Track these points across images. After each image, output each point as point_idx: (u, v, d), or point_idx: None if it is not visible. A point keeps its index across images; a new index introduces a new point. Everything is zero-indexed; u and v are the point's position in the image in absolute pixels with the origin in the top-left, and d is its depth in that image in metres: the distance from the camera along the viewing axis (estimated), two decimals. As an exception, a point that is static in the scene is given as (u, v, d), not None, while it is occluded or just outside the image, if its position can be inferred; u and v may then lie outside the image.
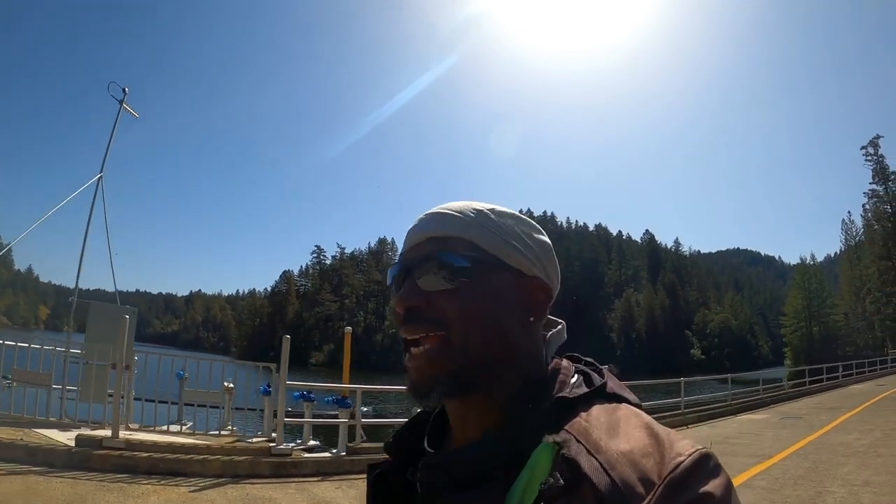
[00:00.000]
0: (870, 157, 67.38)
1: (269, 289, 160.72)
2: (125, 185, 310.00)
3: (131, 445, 6.91)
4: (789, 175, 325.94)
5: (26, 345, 8.79)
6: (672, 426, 8.53)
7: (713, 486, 0.52)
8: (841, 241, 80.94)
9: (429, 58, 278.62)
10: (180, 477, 6.49)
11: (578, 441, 0.56)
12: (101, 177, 11.58)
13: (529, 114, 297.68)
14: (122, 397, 7.96)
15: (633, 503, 0.51)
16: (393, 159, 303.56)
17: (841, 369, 25.94)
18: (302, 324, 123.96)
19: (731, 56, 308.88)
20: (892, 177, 66.38)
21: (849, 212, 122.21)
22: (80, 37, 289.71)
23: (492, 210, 0.72)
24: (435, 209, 0.73)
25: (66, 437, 7.28)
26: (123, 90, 12.38)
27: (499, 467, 0.59)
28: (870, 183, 69.03)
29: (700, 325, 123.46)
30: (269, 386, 8.89)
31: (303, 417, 8.68)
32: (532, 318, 0.69)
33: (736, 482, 4.41)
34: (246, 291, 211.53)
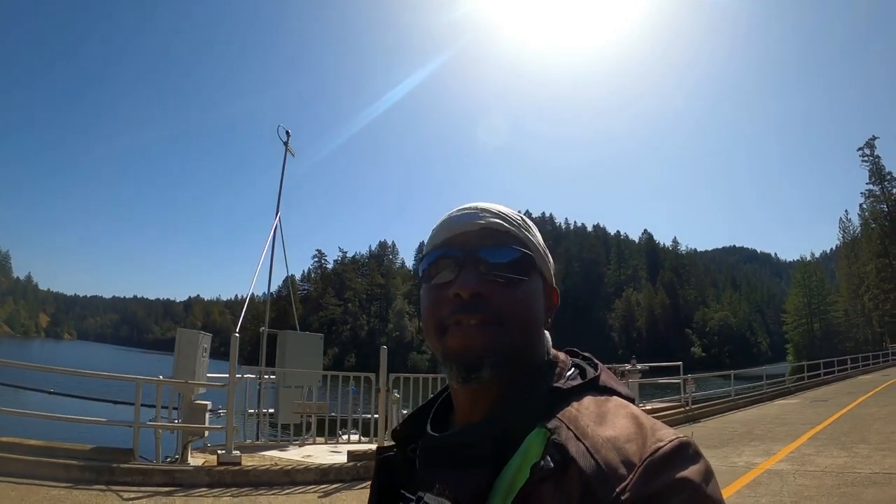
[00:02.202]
0: (866, 158, 69.50)
1: (267, 293, 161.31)
2: (120, 191, 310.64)
3: None
4: (784, 173, 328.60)
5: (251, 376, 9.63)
6: (726, 410, 12.37)
7: (692, 471, 0.56)
8: (838, 238, 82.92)
9: (426, 56, 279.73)
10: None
11: (568, 428, 0.61)
12: (279, 216, 12.36)
13: (526, 116, 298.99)
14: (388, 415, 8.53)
15: (614, 483, 0.54)
16: (389, 163, 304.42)
17: (849, 362, 27.87)
18: (306, 329, 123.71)
19: (727, 54, 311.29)
20: (888, 177, 68.43)
21: (846, 210, 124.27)
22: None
23: (527, 219, 0.81)
24: (483, 204, 0.78)
25: (299, 455, 8.30)
26: (287, 132, 12.89)
27: (491, 450, 0.64)
28: (866, 183, 71.17)
29: (700, 323, 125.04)
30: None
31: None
32: (549, 320, 0.78)
33: (802, 440, 7.97)
34: (244, 296, 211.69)
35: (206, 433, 8.05)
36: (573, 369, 0.73)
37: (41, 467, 6.12)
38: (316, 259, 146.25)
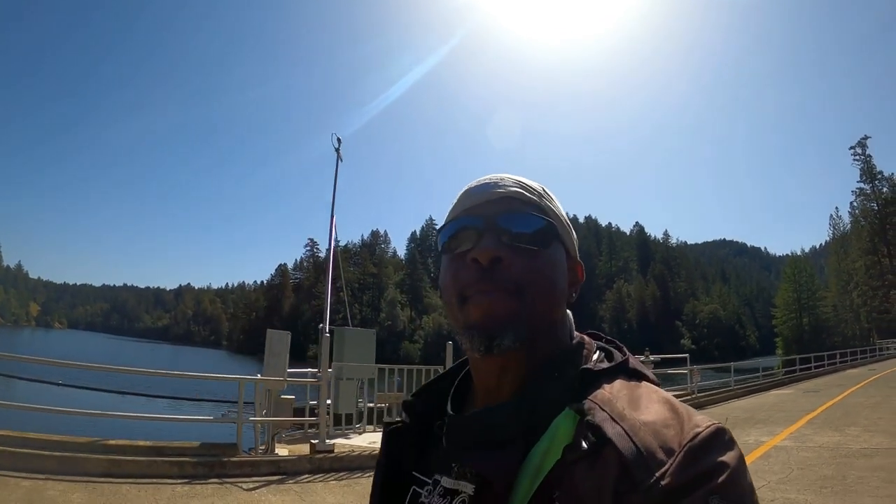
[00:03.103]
0: (858, 157, 70.40)
1: (258, 282, 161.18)
2: (109, 180, 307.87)
3: None
4: (774, 168, 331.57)
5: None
6: (728, 399, 13.43)
7: (729, 456, 0.56)
8: (828, 235, 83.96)
9: (422, 48, 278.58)
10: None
11: (602, 409, 0.60)
12: (335, 220, 12.78)
13: (519, 107, 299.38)
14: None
15: (654, 468, 0.54)
16: (380, 154, 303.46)
17: (838, 357, 28.76)
18: (299, 317, 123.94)
19: (720, 50, 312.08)
20: (879, 176, 69.37)
21: (836, 207, 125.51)
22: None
23: (548, 190, 0.79)
24: (503, 175, 0.76)
25: (365, 441, 8.74)
26: (339, 139, 13.40)
27: (520, 430, 0.63)
28: (857, 181, 72.03)
29: (690, 315, 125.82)
30: None
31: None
32: (574, 294, 0.77)
33: (800, 423, 9.20)
34: (235, 284, 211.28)
35: (290, 425, 8.57)
36: (599, 352, 0.74)
37: (154, 466, 6.40)
38: (308, 248, 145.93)
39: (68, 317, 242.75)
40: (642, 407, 0.61)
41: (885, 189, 69.37)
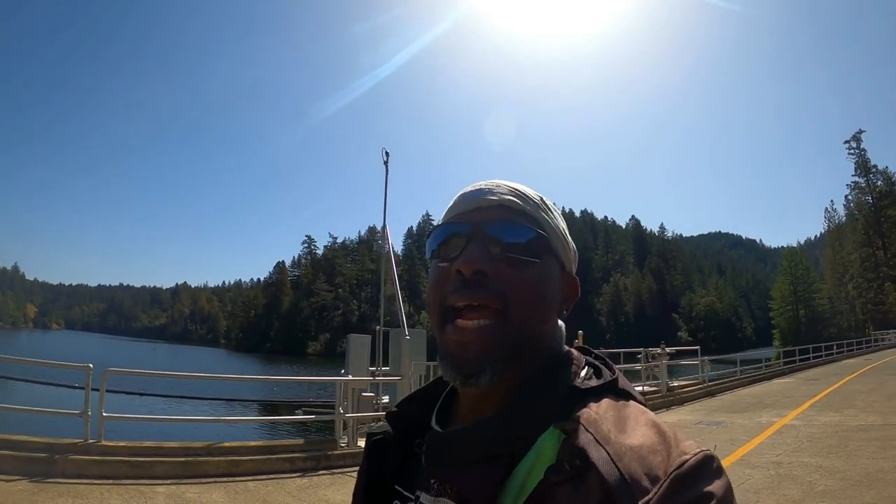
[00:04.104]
0: (852, 151, 71.67)
1: (255, 279, 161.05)
2: (102, 179, 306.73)
3: None
4: (770, 161, 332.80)
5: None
6: (736, 387, 15.13)
7: (716, 486, 0.53)
8: (823, 227, 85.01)
9: (411, 36, 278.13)
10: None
11: (587, 431, 0.56)
12: (388, 229, 13.67)
13: (515, 101, 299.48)
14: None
15: (638, 496, 0.51)
16: (377, 149, 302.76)
17: (835, 348, 29.94)
18: (298, 314, 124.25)
19: (716, 43, 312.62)
20: (874, 170, 70.72)
21: (832, 200, 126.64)
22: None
23: (547, 200, 0.75)
24: (500, 181, 0.73)
25: None
26: (387, 153, 13.85)
27: (503, 448, 0.60)
28: (852, 175, 73.46)
29: (686, 308, 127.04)
30: None
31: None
32: (565, 311, 0.73)
33: (804, 406, 10.68)
34: (231, 282, 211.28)
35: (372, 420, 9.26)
36: (587, 368, 0.70)
37: (269, 463, 6.96)
38: (305, 245, 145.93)
39: (65, 317, 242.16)
40: (629, 430, 0.58)
41: (879, 182, 70.73)
